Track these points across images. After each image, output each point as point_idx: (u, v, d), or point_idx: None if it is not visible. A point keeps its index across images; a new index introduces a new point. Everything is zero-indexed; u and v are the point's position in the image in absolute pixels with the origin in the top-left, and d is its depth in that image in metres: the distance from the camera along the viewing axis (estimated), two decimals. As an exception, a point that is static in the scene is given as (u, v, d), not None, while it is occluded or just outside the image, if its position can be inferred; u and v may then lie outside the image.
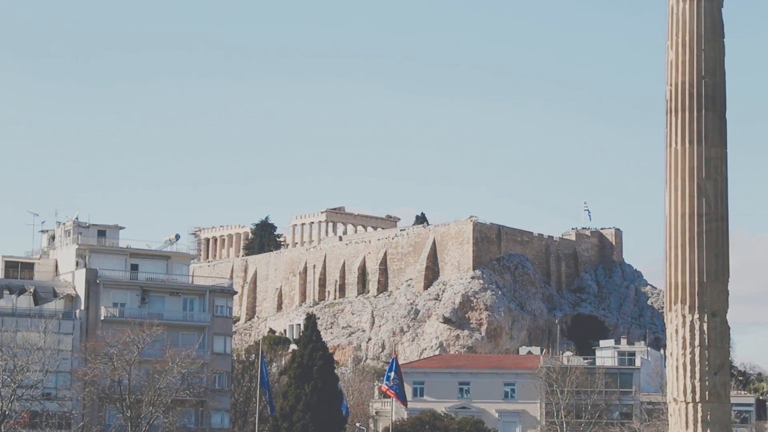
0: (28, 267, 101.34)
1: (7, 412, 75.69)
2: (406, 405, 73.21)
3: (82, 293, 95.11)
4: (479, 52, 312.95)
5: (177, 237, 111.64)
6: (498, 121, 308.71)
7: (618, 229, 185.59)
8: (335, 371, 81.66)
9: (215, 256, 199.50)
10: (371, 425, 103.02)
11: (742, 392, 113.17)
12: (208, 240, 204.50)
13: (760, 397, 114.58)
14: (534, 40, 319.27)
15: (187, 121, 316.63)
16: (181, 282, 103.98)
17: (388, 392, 66.84)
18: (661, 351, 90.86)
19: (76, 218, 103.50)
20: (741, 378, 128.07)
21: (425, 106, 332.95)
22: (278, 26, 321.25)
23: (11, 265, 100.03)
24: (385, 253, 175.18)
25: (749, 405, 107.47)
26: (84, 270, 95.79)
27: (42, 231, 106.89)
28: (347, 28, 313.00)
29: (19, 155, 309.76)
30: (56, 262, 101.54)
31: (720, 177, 35.36)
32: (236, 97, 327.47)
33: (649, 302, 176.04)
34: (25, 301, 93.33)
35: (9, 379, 76.09)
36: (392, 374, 60.99)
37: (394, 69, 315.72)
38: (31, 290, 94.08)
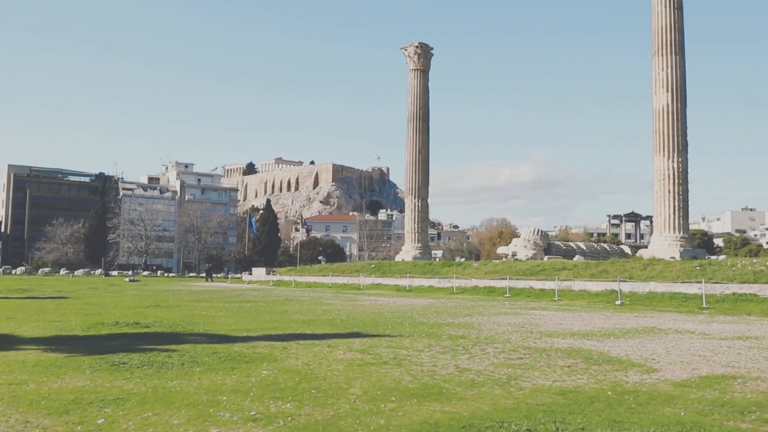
0: (157, 179, 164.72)
1: (149, 236, 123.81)
2: (308, 234, 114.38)
3: (178, 189, 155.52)
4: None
5: (216, 168, 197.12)
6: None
7: (388, 167, 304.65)
8: (276, 221, 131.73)
9: (230, 176, 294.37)
10: (291, 243, 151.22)
11: (431, 229, 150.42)
12: (229, 169, 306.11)
13: (438, 232, 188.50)
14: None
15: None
16: (217, 185, 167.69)
17: (304, 228, 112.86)
18: (403, 213, 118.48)
19: (176, 160, 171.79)
20: (432, 223, 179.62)
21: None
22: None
23: (151, 179, 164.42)
24: (298, 175, 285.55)
25: (434, 235, 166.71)
26: (179, 180, 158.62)
27: (163, 165, 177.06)
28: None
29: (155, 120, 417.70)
30: (168, 177, 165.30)
31: (424, 144, 67.14)
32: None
33: (399, 195, 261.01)
34: (156, 193, 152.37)
35: (150, 224, 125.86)
36: (303, 224, 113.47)
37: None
38: (159, 187, 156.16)
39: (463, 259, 71.13)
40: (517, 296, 36.31)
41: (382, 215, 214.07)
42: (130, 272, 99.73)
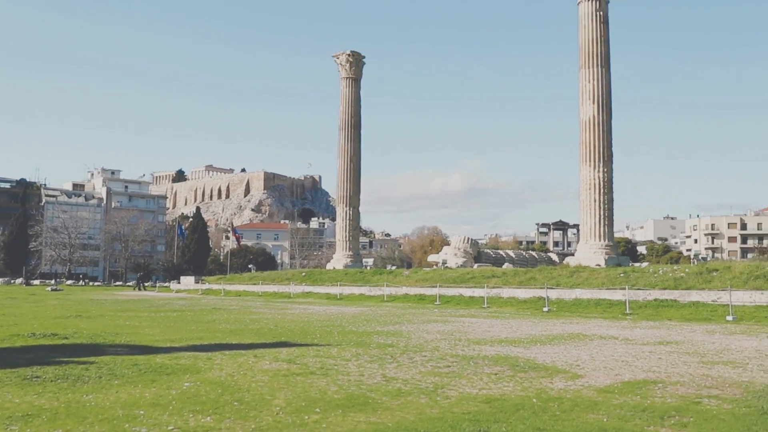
0: (82, 186, 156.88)
1: (73, 244, 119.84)
2: (239, 243, 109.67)
3: (104, 196, 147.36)
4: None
5: (144, 174, 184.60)
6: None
7: (320, 175, 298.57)
8: (206, 229, 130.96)
9: (159, 183, 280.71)
10: (222, 251, 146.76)
11: (363, 237, 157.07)
12: (158, 176, 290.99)
13: (370, 240, 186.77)
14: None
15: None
16: (145, 192, 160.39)
17: (234, 236, 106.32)
18: (335, 222, 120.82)
19: (102, 166, 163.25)
20: (364, 232, 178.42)
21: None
22: None
23: (76, 185, 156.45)
24: (229, 183, 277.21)
25: (366, 243, 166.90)
26: (105, 187, 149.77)
27: (88, 171, 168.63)
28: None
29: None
30: (94, 184, 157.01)
31: (356, 152, 66.75)
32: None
33: (331, 203, 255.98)
34: (81, 200, 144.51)
35: (74, 231, 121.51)
36: (234, 232, 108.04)
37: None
38: (84, 194, 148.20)
39: (394, 267, 71.24)
40: (447, 304, 36.53)
41: (314, 223, 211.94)
42: (52, 281, 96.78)
